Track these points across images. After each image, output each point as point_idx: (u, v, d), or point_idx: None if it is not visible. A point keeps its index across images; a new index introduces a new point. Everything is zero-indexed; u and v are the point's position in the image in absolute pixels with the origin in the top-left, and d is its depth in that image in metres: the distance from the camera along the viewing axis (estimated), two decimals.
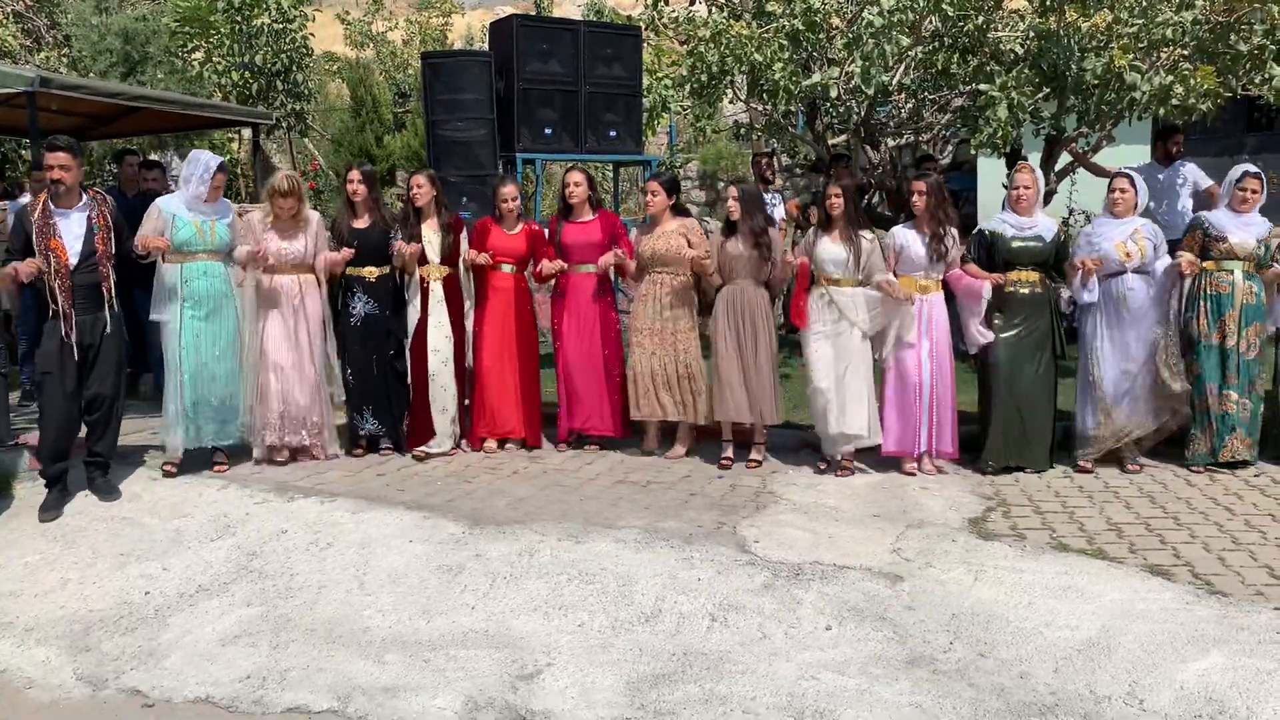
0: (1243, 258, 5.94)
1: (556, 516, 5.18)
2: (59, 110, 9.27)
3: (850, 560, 4.58)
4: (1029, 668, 3.72)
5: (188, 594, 4.54)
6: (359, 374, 6.34)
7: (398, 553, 4.78)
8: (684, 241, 6.22)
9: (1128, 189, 5.97)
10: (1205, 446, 6.00)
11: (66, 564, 4.87)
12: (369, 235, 6.27)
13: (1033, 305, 5.98)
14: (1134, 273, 5.90)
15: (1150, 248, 5.91)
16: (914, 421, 5.94)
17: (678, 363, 6.24)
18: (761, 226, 6.08)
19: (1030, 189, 5.99)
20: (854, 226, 5.92)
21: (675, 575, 4.46)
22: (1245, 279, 5.96)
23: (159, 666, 3.98)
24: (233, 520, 5.20)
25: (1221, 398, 5.95)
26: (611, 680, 3.75)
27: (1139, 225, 5.96)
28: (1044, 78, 7.41)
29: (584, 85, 8.05)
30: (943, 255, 5.92)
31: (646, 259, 6.30)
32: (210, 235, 5.80)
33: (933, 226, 5.93)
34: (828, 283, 5.96)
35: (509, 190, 6.43)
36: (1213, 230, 6.01)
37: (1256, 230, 5.99)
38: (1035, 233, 5.98)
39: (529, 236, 6.49)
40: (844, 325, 5.91)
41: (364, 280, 6.29)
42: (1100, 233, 6.00)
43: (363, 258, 6.24)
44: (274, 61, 13.51)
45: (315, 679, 3.83)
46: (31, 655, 4.11)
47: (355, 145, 15.20)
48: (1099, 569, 4.48)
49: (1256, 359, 5.98)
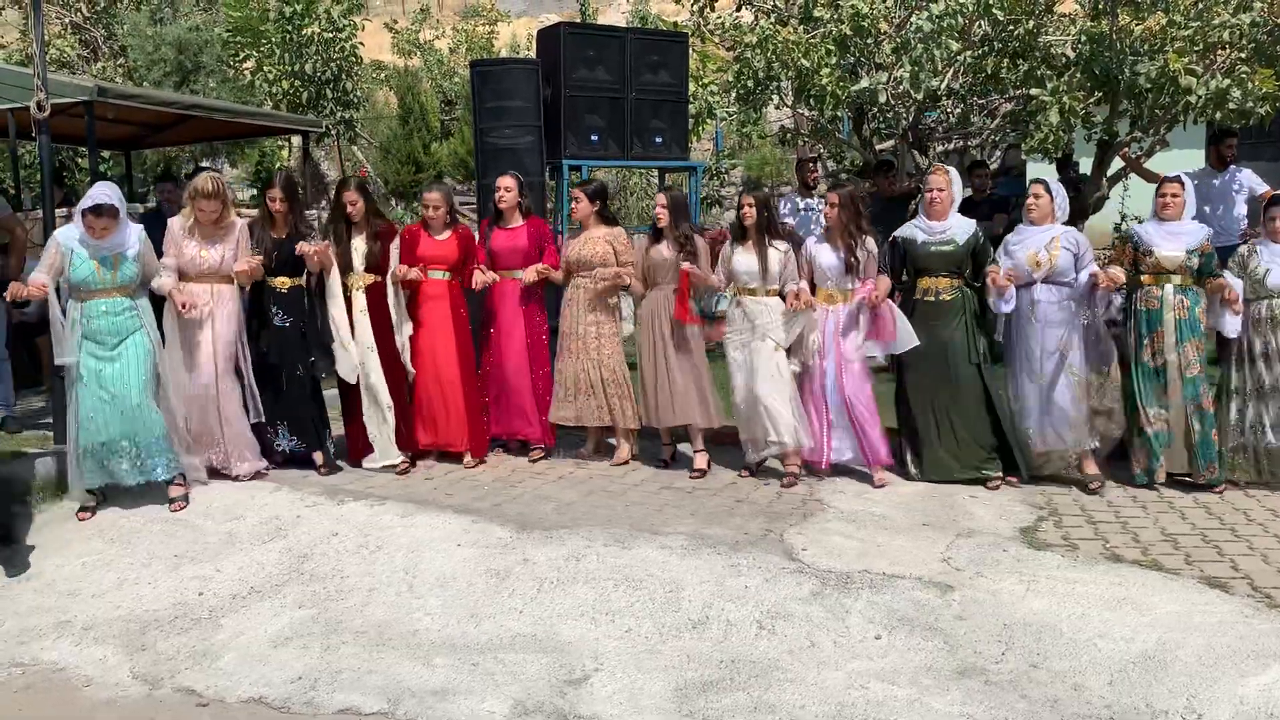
0: (1171, 270, 5.62)
1: (602, 522, 5.18)
2: (115, 119, 9.46)
3: (900, 569, 4.54)
4: (1083, 680, 3.67)
5: (240, 595, 4.61)
6: (271, 389, 6.04)
7: (446, 556, 4.82)
8: (609, 248, 6.27)
9: (1041, 195, 5.77)
10: (1141, 466, 5.73)
11: (123, 565, 4.95)
12: (285, 247, 6.03)
13: (948, 312, 5.85)
14: (1045, 283, 5.69)
15: (1068, 257, 5.68)
16: (822, 430, 5.93)
17: (601, 367, 6.28)
18: (687, 233, 6.09)
19: (944, 191, 5.84)
20: (767, 236, 5.94)
21: (722, 582, 4.45)
22: (1176, 293, 5.63)
23: (213, 666, 4.04)
24: (284, 523, 5.27)
25: (1154, 416, 5.67)
26: (659, 686, 3.75)
27: (1058, 234, 5.72)
28: (1096, 82, 7.33)
29: (630, 92, 8.07)
30: (853, 267, 5.87)
31: (572, 264, 6.35)
32: (111, 272, 5.39)
33: (845, 239, 5.89)
34: (742, 292, 5.99)
35: (433, 197, 6.33)
36: (1140, 243, 5.74)
37: (1188, 240, 5.65)
38: (947, 236, 5.83)
39: (460, 240, 6.35)
40: (758, 335, 5.92)
41: (275, 291, 6.05)
42: (1017, 240, 5.83)
43: (276, 269, 6.02)
44: (324, 70, 13.71)
45: (366, 681, 3.87)
46: (89, 654, 4.19)
47: (403, 152, 15.38)
48: (1154, 580, 4.40)
49: (1199, 375, 5.62)
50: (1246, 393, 5.72)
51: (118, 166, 13.38)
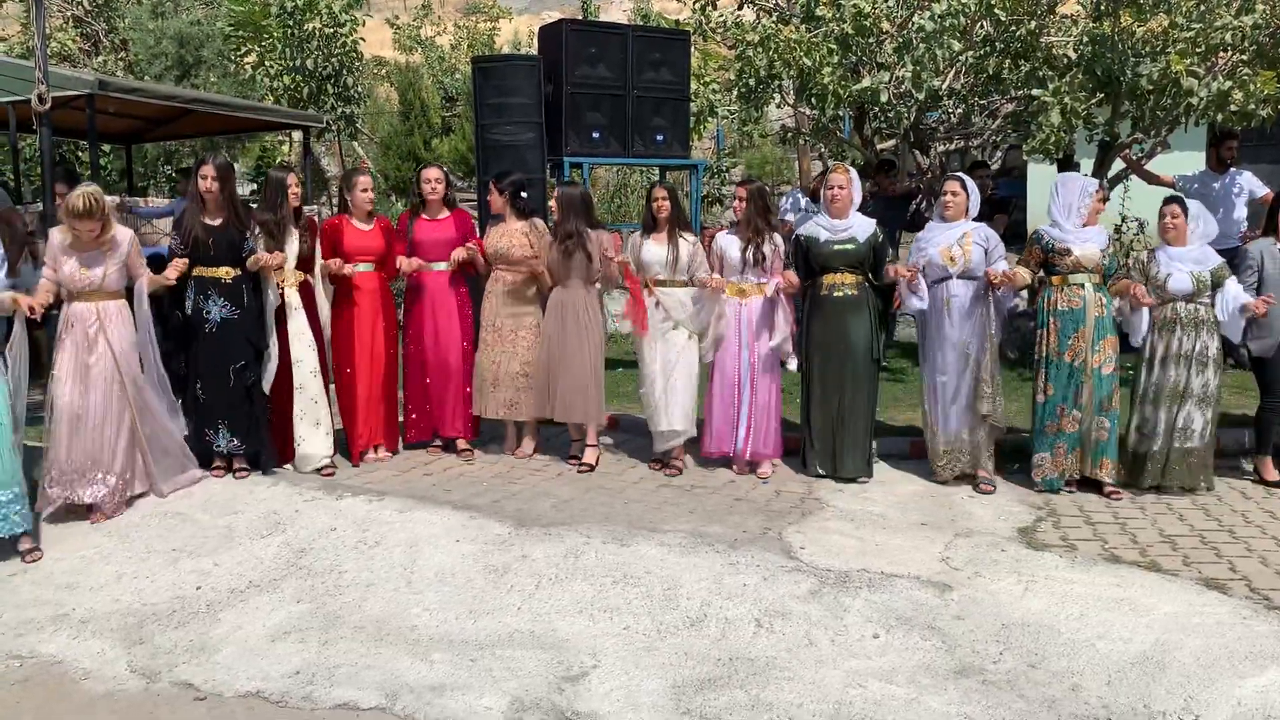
0: (1090, 269, 5.63)
1: (600, 519, 5.19)
2: (116, 113, 9.45)
3: (898, 568, 4.54)
4: (1081, 680, 3.67)
5: (238, 589, 4.60)
6: (212, 386, 5.78)
7: (444, 552, 4.81)
8: (525, 240, 6.31)
9: (958, 191, 5.78)
10: (1055, 470, 5.68)
11: (121, 558, 4.95)
12: (223, 234, 5.72)
13: (848, 308, 5.88)
14: (959, 278, 5.72)
15: (979, 252, 5.70)
16: (731, 422, 6.02)
17: (519, 360, 6.31)
18: (573, 229, 6.12)
19: (845, 189, 5.88)
20: (677, 229, 6.07)
21: (720, 580, 4.45)
22: (1095, 291, 5.63)
23: (210, 660, 4.04)
24: (283, 517, 5.26)
25: (1070, 418, 5.62)
26: (657, 684, 3.75)
27: (969, 229, 5.76)
28: (1098, 83, 7.32)
29: (632, 89, 8.07)
30: (759, 260, 5.94)
31: (490, 256, 6.39)
32: None
33: (749, 232, 5.97)
34: (654, 284, 6.08)
35: (364, 180, 6.18)
36: (1053, 243, 5.69)
37: (1098, 241, 5.69)
38: (849, 234, 5.87)
39: (385, 232, 6.24)
40: (669, 324, 6.06)
41: (219, 282, 5.73)
42: (928, 237, 5.85)
43: (217, 257, 5.71)
44: (325, 65, 13.69)
45: (363, 676, 3.86)
46: (87, 647, 4.18)
47: (404, 148, 15.37)
48: (1152, 581, 4.41)
49: (1113, 374, 5.64)
50: (1151, 396, 5.70)
51: (118, 160, 13.38)
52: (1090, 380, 5.60)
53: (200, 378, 5.83)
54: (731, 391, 6.02)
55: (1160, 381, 5.66)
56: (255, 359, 5.83)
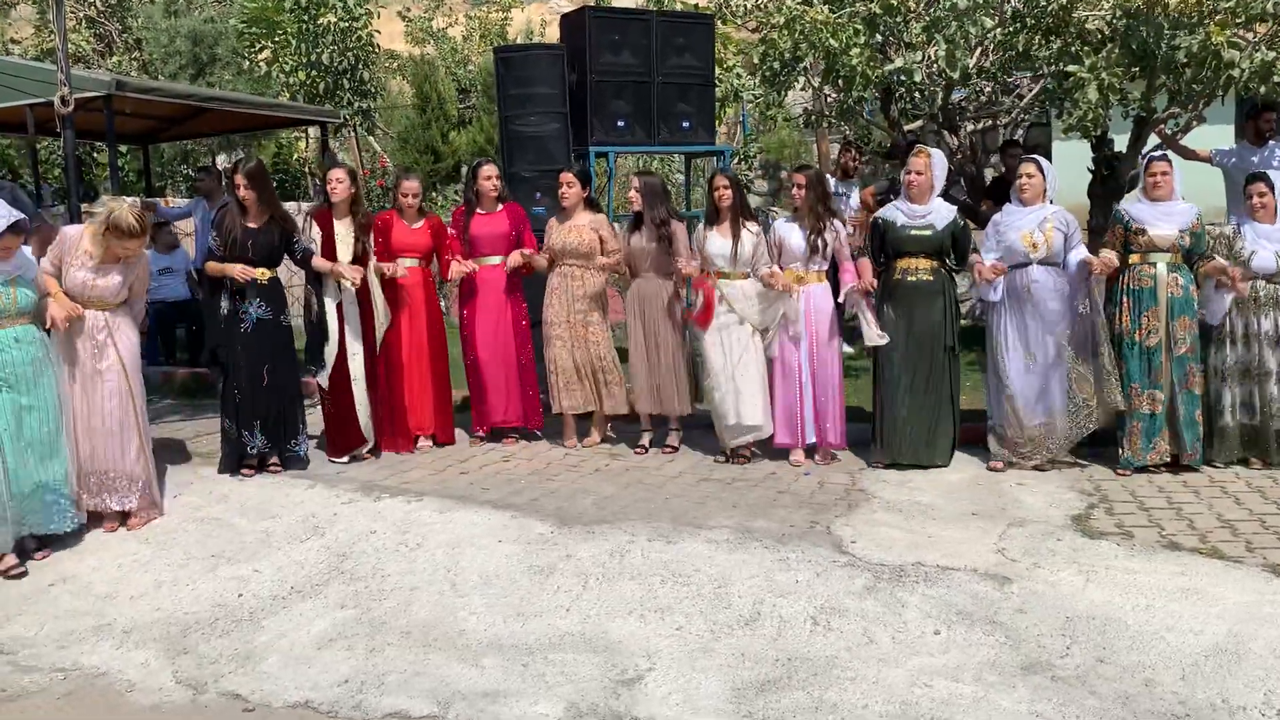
0: (1165, 249, 5.52)
1: (643, 516, 5.09)
2: (133, 113, 9.39)
3: (954, 561, 4.43)
4: (1154, 675, 3.56)
5: (280, 596, 4.53)
6: (246, 385, 5.86)
7: (487, 553, 4.73)
8: (595, 236, 6.26)
9: (1034, 174, 5.64)
10: (1132, 449, 5.59)
11: (159, 566, 4.88)
12: (262, 235, 5.86)
13: (924, 295, 5.74)
14: (1040, 264, 5.58)
15: (1060, 238, 5.57)
16: (796, 413, 5.92)
17: (591, 355, 6.28)
18: (663, 218, 6.03)
19: (923, 175, 5.73)
20: (741, 218, 5.91)
21: (771, 577, 4.35)
22: (1170, 271, 5.52)
23: (257, 670, 3.96)
24: (321, 521, 5.19)
25: (1147, 397, 5.54)
26: (716, 686, 3.65)
27: (1049, 213, 5.61)
28: (1133, 57, 7.15)
29: (656, 76, 7.92)
30: (819, 249, 5.82)
31: (557, 252, 6.30)
32: (10, 299, 4.85)
33: (811, 220, 5.84)
34: (716, 276, 5.92)
35: (411, 185, 6.42)
36: (1132, 222, 5.60)
37: (1179, 220, 5.55)
38: (927, 221, 5.73)
39: (432, 230, 6.45)
40: (733, 318, 5.90)
41: (256, 283, 5.84)
42: (1007, 222, 5.69)
43: (255, 259, 5.83)
44: (340, 60, 13.60)
45: (414, 683, 3.78)
46: (131, 658, 4.12)
47: (421, 142, 15.25)
48: (1217, 569, 4.28)
49: (1188, 354, 5.53)
50: (1227, 374, 5.64)
51: (135, 161, 13.32)
52: (1166, 361, 5.51)
53: (235, 378, 5.89)
54: (795, 382, 5.90)
55: (1240, 359, 5.61)
56: (291, 360, 5.99)
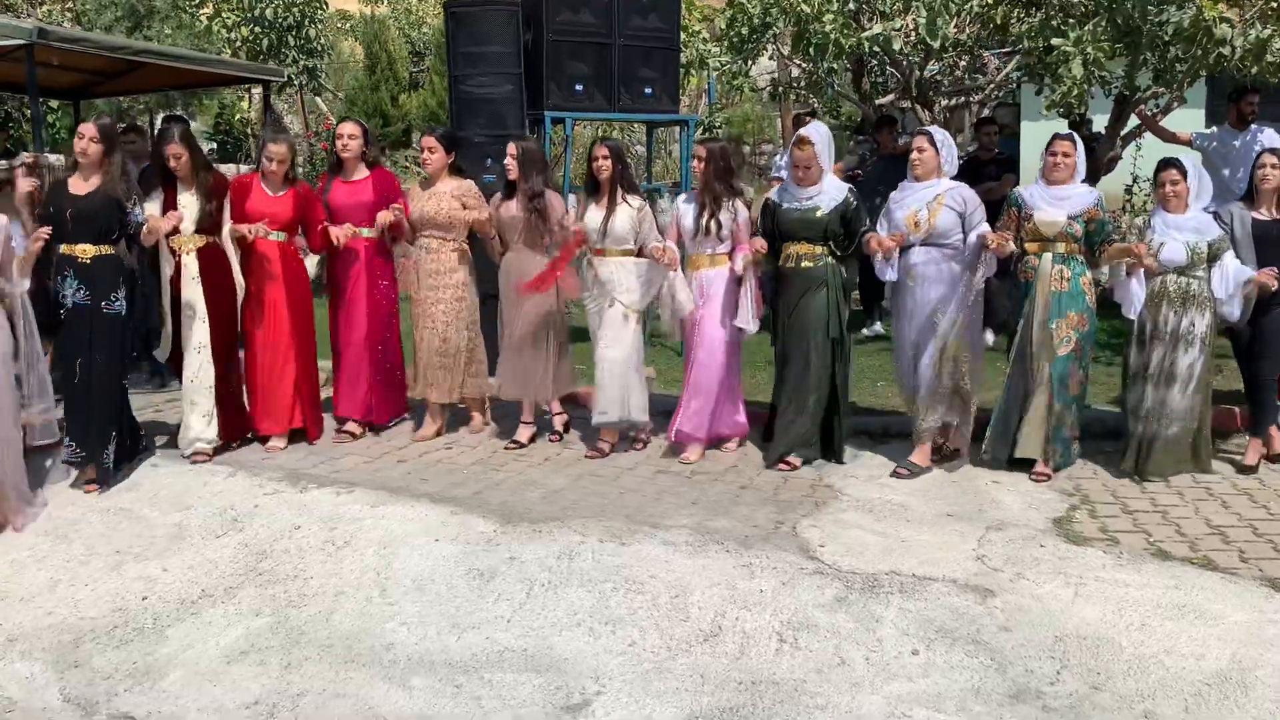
0: (1050, 237, 5.09)
1: (595, 513, 4.69)
2: (60, 65, 8.81)
3: (931, 570, 4.08)
4: (1154, 705, 3.24)
5: (189, 600, 4.08)
6: (63, 381, 5.06)
7: (422, 554, 4.30)
8: (457, 204, 5.68)
9: (925, 148, 5.20)
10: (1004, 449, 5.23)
11: (57, 562, 4.41)
12: (89, 204, 4.96)
13: (808, 280, 5.33)
14: (924, 245, 5.20)
15: (952, 216, 5.14)
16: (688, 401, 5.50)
17: (438, 336, 5.74)
18: (538, 189, 5.52)
19: (811, 155, 5.28)
20: (622, 192, 5.44)
21: (734, 585, 3.98)
22: (1055, 263, 5.09)
23: (156, 688, 3.53)
24: (240, 513, 4.72)
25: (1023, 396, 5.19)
26: (672, 713, 3.28)
27: (942, 190, 5.18)
28: (1118, 32, 6.82)
29: (618, 38, 7.43)
30: (715, 230, 5.34)
31: (415, 221, 5.73)
32: None
33: (708, 197, 5.36)
34: (594, 252, 5.51)
35: (277, 150, 5.54)
36: (1023, 206, 5.19)
37: (1072, 205, 5.09)
38: (812, 203, 5.29)
39: (296, 199, 5.58)
40: (604, 301, 5.49)
41: (76, 261, 4.97)
42: (898, 198, 5.32)
43: (77, 232, 4.95)
44: (285, 16, 12.98)
45: (331, 707, 3.37)
46: (15, 671, 3.67)
47: (369, 104, 14.68)
48: (1213, 583, 3.97)
49: (1070, 354, 5.12)
50: (1144, 376, 5.17)
51: (66, 117, 12.65)
52: (1042, 359, 5.10)
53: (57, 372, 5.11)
54: (699, 369, 5.47)
55: (1144, 361, 5.16)
56: (115, 354, 5.11)
